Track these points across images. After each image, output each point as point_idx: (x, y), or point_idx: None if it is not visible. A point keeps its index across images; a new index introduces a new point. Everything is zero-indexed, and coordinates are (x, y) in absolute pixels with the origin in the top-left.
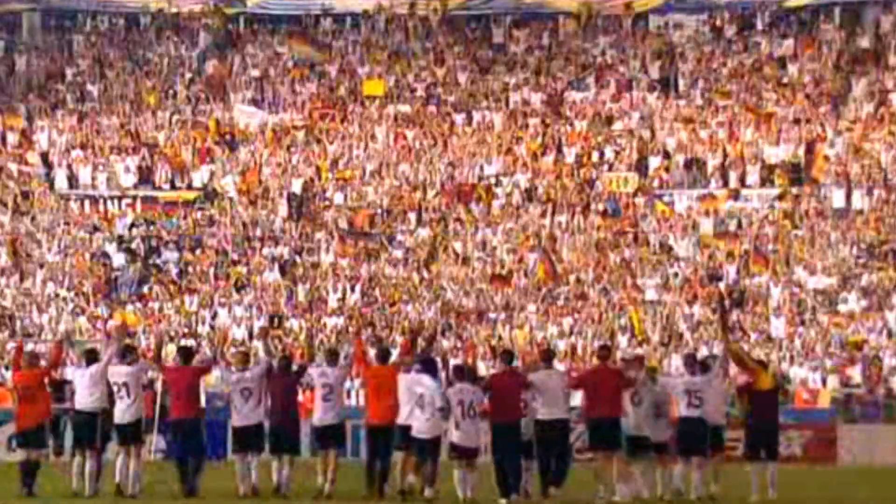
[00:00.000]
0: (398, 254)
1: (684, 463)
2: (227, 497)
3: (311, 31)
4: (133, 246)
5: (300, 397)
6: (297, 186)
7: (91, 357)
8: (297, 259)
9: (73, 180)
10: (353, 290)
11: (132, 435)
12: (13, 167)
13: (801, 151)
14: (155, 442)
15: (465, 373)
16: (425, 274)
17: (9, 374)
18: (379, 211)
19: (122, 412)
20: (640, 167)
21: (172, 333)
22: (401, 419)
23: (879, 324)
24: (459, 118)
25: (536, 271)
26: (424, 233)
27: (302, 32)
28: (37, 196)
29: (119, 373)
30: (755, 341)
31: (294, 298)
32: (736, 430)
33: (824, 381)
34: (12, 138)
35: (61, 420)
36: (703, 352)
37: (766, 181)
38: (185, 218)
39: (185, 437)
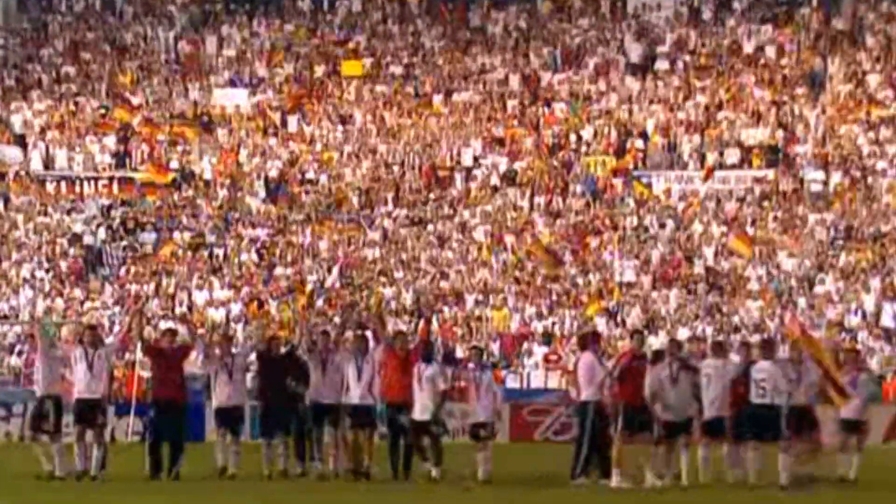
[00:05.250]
0: (376, 235)
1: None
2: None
3: (289, 10)
4: (109, 227)
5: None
6: (274, 168)
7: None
8: (275, 241)
9: (48, 161)
10: (329, 271)
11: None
12: None
13: (779, 133)
14: (132, 424)
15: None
16: (403, 256)
17: None
18: (357, 192)
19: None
20: (619, 149)
21: (150, 315)
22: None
23: (854, 305)
24: (437, 99)
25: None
26: (402, 214)
27: None
28: (12, 177)
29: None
30: (735, 324)
31: (272, 281)
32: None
33: None
34: None
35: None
36: (682, 333)
37: (743, 162)
38: (161, 200)
39: (168, 419)
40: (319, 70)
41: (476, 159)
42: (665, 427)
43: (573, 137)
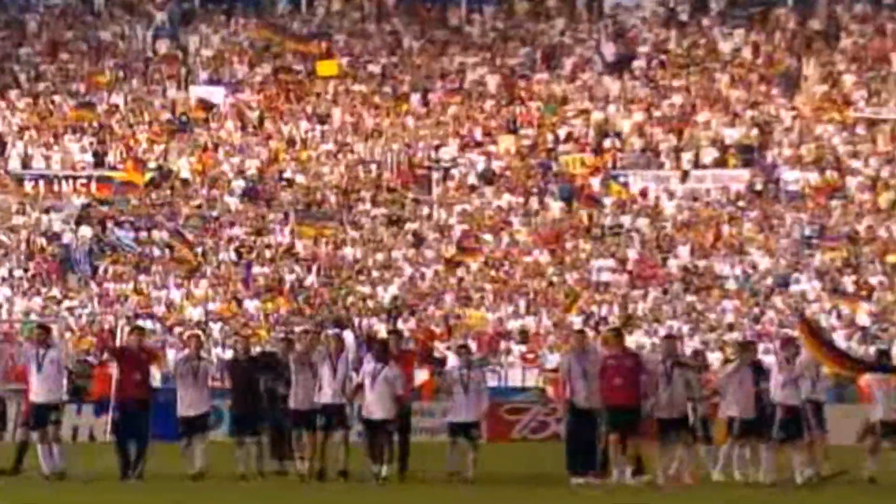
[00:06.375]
0: (354, 235)
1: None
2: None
3: (267, 10)
4: (87, 226)
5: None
6: (252, 167)
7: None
8: (254, 240)
9: (26, 160)
10: (309, 270)
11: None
12: None
13: (755, 133)
14: (109, 422)
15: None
16: (379, 257)
17: None
18: (335, 191)
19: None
20: (596, 148)
21: (129, 314)
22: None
23: (829, 304)
24: (415, 98)
25: None
26: (380, 213)
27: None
28: None
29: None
30: (711, 323)
31: (250, 280)
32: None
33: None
34: None
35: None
36: (660, 332)
37: (720, 162)
38: (139, 199)
39: (132, 418)
40: (297, 69)
41: (453, 159)
42: (659, 425)
43: (550, 137)
